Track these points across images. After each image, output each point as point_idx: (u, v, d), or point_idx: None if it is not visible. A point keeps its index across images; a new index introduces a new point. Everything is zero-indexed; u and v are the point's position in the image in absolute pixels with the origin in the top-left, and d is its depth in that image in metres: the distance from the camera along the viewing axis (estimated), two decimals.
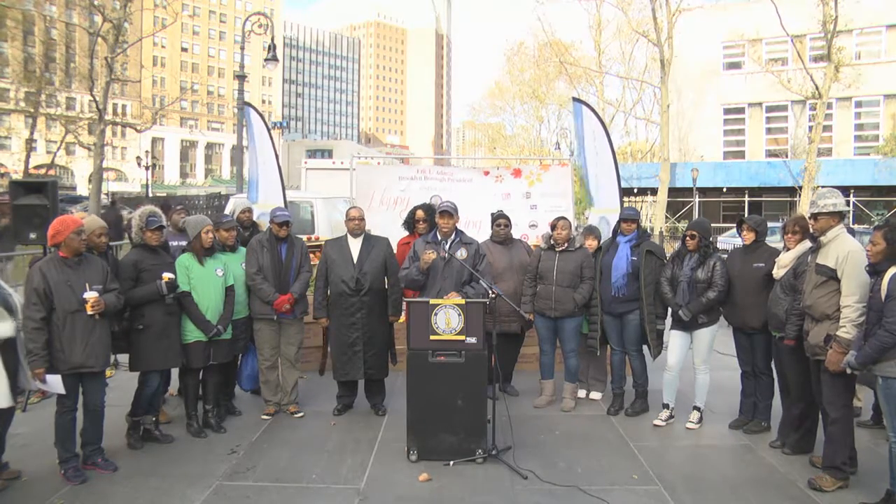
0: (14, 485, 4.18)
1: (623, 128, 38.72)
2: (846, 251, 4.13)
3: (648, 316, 5.45)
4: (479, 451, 4.52)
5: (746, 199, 28.08)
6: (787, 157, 28.96)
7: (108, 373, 4.86)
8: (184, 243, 5.27)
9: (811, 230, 4.47)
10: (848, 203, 18.23)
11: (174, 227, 5.80)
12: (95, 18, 21.89)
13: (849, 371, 3.99)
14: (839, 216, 4.31)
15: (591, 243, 5.92)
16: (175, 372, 5.38)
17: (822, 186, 12.76)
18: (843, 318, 4.06)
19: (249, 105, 8.84)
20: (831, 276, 4.16)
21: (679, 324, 5.32)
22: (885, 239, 3.81)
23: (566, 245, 5.66)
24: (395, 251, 5.80)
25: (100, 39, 21.70)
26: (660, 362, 5.76)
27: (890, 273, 3.72)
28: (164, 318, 4.77)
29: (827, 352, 4.12)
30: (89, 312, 4.13)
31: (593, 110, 8.04)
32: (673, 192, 27.44)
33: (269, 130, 8.28)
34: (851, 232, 4.67)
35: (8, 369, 3.95)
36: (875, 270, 3.88)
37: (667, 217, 27.91)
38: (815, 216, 4.33)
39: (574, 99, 8.36)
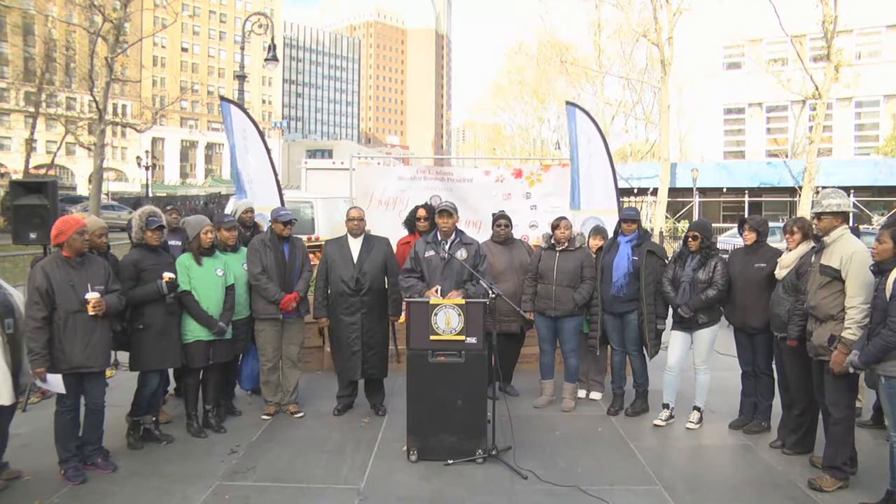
0: (14, 484, 4.17)
1: (623, 128, 38.74)
2: (850, 252, 4.11)
3: (648, 315, 5.45)
4: (479, 451, 4.52)
5: (746, 199, 28.10)
6: (787, 157, 28.98)
7: (108, 373, 4.86)
8: (178, 242, 5.25)
9: (815, 230, 4.44)
10: None
11: (167, 226, 5.79)
12: (95, 18, 21.86)
13: (851, 370, 3.99)
14: (843, 216, 4.28)
15: (596, 242, 5.94)
16: (172, 372, 5.39)
17: (824, 187, 12.76)
18: (847, 319, 4.04)
19: (228, 100, 8.19)
20: (835, 277, 4.14)
21: (680, 324, 5.32)
22: (892, 238, 3.79)
23: (567, 244, 5.66)
24: (394, 251, 5.80)
25: (100, 39, 21.69)
26: (660, 362, 5.76)
27: (895, 272, 3.71)
28: (164, 317, 4.77)
29: (831, 352, 4.11)
30: (90, 313, 4.13)
31: (588, 114, 8.03)
32: (673, 192, 27.46)
33: (255, 126, 7.97)
34: (856, 233, 4.63)
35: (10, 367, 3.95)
36: (880, 269, 3.86)
37: (667, 217, 27.92)
38: (818, 216, 4.31)
39: (567, 102, 8.34)
